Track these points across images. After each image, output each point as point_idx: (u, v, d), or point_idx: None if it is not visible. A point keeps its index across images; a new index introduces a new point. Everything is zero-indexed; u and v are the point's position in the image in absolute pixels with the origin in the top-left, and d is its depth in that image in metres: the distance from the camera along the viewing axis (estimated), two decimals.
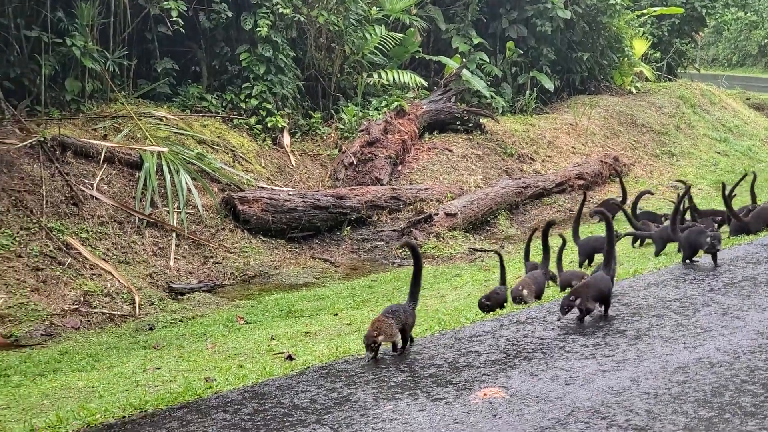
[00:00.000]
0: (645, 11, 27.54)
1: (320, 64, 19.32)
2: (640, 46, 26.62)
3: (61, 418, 6.54)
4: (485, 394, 6.15)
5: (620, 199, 15.04)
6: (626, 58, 25.57)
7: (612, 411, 5.67)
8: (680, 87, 27.12)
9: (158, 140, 15.52)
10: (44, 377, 9.08)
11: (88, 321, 11.56)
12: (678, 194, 13.24)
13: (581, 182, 18.54)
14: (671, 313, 8.12)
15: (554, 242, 10.76)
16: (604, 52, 24.88)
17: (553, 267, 10.13)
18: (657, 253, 11.51)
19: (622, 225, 13.56)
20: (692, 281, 9.41)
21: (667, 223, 12.31)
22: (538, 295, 9.25)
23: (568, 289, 8.83)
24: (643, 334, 7.44)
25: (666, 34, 28.66)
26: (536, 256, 10.72)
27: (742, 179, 13.47)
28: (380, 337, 7.10)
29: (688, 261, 10.40)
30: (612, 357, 6.83)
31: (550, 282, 9.95)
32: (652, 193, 16.37)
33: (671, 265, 10.46)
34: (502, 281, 9.59)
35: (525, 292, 9.13)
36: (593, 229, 14.37)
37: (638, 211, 13.83)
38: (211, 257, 13.83)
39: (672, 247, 11.43)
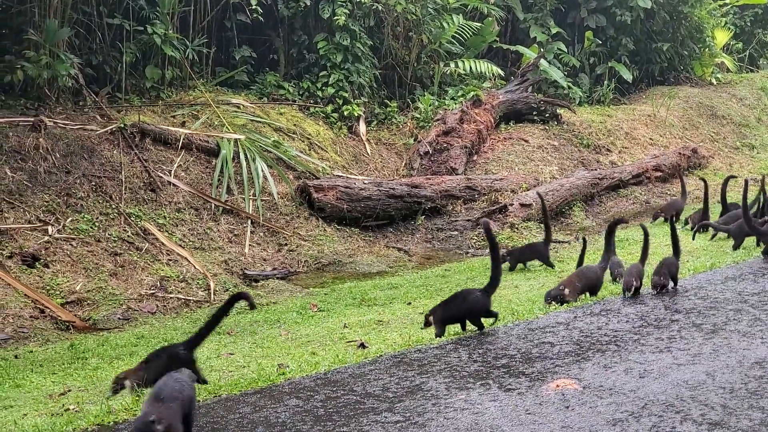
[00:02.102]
0: (727, 1, 27.05)
1: (397, 53, 19.32)
2: (721, 37, 26.16)
3: (137, 400, 6.64)
4: (558, 386, 6.12)
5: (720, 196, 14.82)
6: (707, 49, 25.15)
7: (687, 405, 5.61)
8: (762, 78, 26.61)
9: (235, 128, 15.65)
10: (121, 360, 9.21)
11: (164, 306, 11.69)
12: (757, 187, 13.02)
13: (658, 174, 18.32)
14: (749, 308, 8.01)
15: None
16: (684, 43, 24.50)
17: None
18: (735, 247, 11.34)
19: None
20: None
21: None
22: (592, 291, 9.20)
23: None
24: (719, 328, 7.35)
25: (749, 24, 28.14)
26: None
27: None
28: (126, 381, 6.84)
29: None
30: (687, 351, 6.76)
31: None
32: (736, 177, 16.13)
33: (750, 259, 10.32)
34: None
35: (566, 291, 8.97)
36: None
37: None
38: (286, 245, 13.91)
39: (751, 240, 11.26)
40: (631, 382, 6.12)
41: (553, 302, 8.87)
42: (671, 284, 8.90)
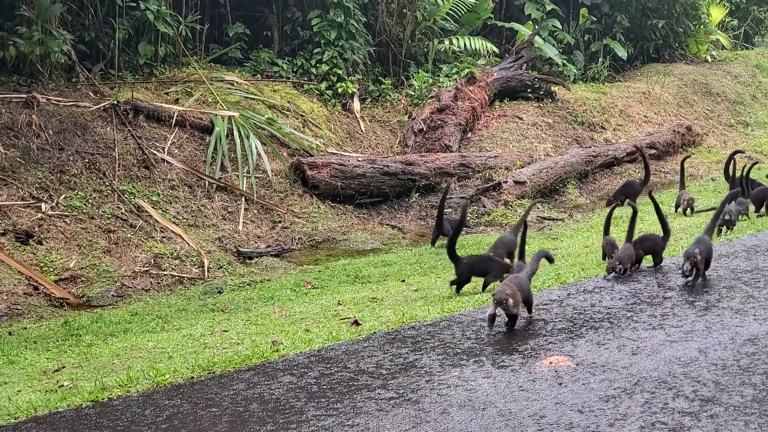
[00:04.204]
0: None
1: (391, 30, 19.26)
2: (716, 14, 26.10)
3: (131, 377, 6.65)
4: (551, 363, 6.14)
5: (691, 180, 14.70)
6: (702, 26, 25.09)
7: (679, 381, 5.62)
8: (757, 55, 26.59)
9: (229, 105, 15.62)
10: (115, 337, 9.22)
11: (158, 283, 11.70)
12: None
13: (652, 152, 18.26)
14: (742, 285, 8.02)
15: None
16: (679, 20, 24.43)
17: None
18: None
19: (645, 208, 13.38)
20: (764, 253, 9.28)
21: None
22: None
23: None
24: (712, 306, 7.36)
25: (744, 1, 28.04)
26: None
27: None
28: None
29: None
30: (680, 327, 6.77)
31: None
32: (743, 152, 16.04)
33: (743, 236, 10.32)
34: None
35: (510, 301, 6.95)
36: (662, 198, 14.17)
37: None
38: (280, 222, 13.91)
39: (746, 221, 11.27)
40: (624, 359, 6.13)
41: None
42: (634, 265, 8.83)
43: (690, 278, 8.04)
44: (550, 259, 8.39)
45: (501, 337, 6.87)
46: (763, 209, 12.14)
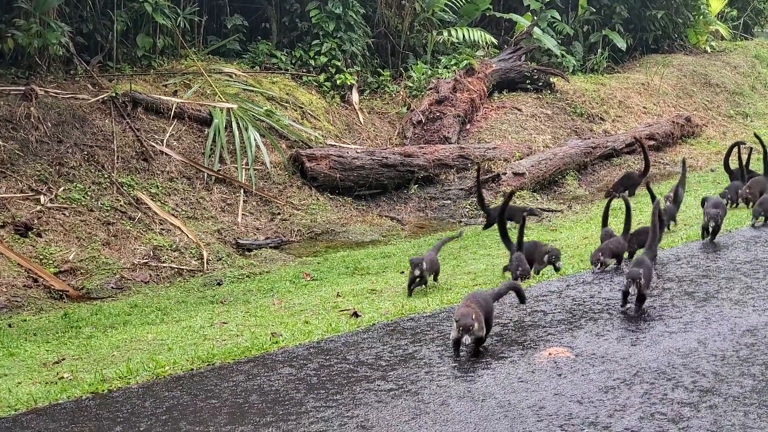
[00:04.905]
0: None
1: (390, 22, 19.23)
2: (716, 4, 26.03)
3: (131, 369, 6.66)
4: (550, 354, 6.14)
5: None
6: (702, 17, 25.05)
7: (678, 372, 5.63)
8: (756, 46, 26.55)
9: (227, 97, 15.60)
10: (114, 329, 9.22)
11: (158, 275, 11.69)
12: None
13: (652, 143, 18.23)
14: (741, 276, 8.02)
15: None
16: (678, 10, 24.39)
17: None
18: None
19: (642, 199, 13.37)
20: (763, 244, 9.28)
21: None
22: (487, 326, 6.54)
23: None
24: (711, 297, 7.37)
25: None
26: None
27: None
28: None
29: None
30: (679, 319, 6.78)
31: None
32: (744, 143, 16.00)
33: (742, 227, 10.32)
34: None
35: (476, 325, 6.19)
36: (662, 190, 14.16)
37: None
38: (279, 214, 13.90)
39: (745, 212, 11.25)
40: (623, 350, 6.14)
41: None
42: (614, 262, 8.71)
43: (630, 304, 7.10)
44: (522, 299, 7.25)
45: (500, 329, 6.87)
46: None
